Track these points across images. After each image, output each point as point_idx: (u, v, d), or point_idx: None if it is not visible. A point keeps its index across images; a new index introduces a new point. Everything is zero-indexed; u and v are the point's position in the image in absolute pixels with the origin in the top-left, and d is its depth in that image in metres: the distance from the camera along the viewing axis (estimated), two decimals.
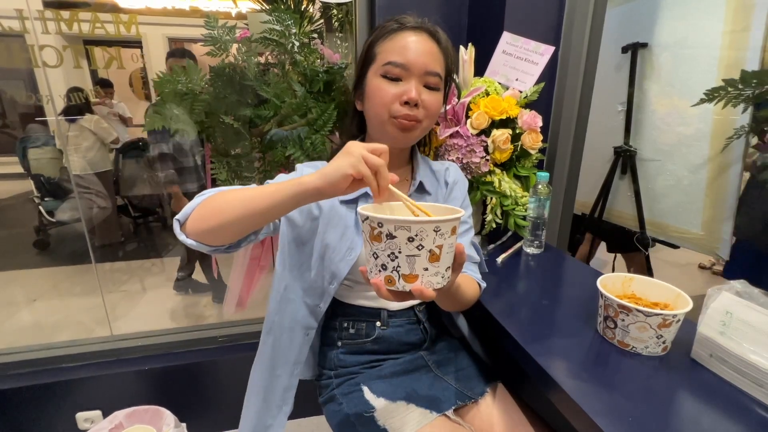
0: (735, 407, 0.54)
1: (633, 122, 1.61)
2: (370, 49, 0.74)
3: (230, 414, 1.44)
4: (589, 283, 0.84)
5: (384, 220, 0.46)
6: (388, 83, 0.71)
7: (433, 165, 0.85)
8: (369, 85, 0.73)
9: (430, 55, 0.71)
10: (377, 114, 0.73)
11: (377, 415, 0.71)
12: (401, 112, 0.71)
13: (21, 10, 1.17)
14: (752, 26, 1.22)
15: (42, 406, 1.28)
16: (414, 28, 0.72)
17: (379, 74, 0.72)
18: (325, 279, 0.74)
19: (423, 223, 0.45)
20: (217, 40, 1.15)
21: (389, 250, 0.47)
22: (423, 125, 0.74)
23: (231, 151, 1.26)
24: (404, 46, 0.70)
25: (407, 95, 0.70)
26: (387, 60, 0.70)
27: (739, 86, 1.20)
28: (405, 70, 0.70)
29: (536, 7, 1.18)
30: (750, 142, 1.28)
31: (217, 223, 0.59)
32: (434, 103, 0.73)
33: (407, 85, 0.71)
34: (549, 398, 0.60)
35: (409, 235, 0.46)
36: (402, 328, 0.81)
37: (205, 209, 0.60)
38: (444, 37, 0.75)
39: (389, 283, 0.49)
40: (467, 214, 0.82)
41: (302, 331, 0.77)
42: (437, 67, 0.72)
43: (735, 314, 0.58)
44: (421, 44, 0.71)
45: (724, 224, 1.37)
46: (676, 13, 1.46)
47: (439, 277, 0.49)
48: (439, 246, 0.47)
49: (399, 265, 0.47)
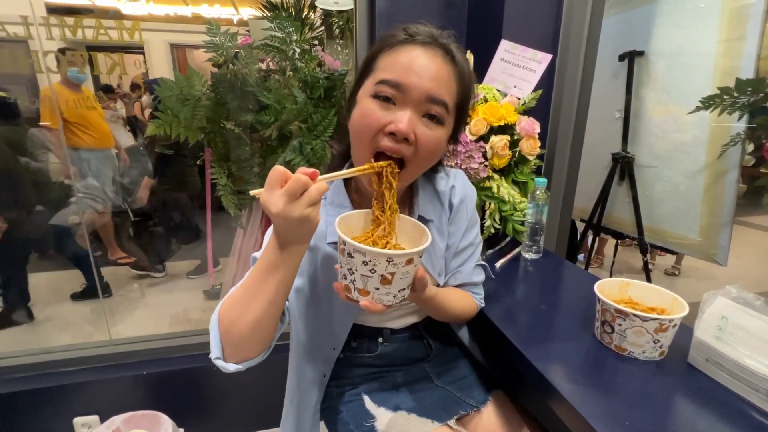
0: (731, 411, 0.54)
1: (630, 129, 1.63)
2: (372, 60, 0.61)
3: (228, 419, 1.43)
4: (586, 288, 0.84)
5: (346, 241, 0.50)
6: (377, 106, 0.56)
7: (438, 183, 0.74)
8: (358, 105, 0.60)
9: (437, 78, 0.56)
10: (359, 146, 0.60)
11: (377, 424, 0.70)
12: (383, 145, 0.56)
13: (26, 16, 1.19)
14: (747, 35, 1.24)
15: (39, 411, 1.28)
16: (424, 42, 0.58)
17: (369, 93, 0.58)
18: (336, 324, 0.72)
19: (375, 253, 0.49)
20: (219, 47, 1.16)
21: (349, 265, 0.52)
22: (409, 168, 0.59)
23: (231, 156, 1.27)
24: (407, 64, 0.56)
25: (395, 125, 0.55)
26: (381, 77, 0.56)
27: (735, 94, 1.22)
28: (400, 92, 0.55)
29: (534, 15, 1.20)
30: (746, 149, 1.30)
31: (249, 330, 0.54)
32: (432, 141, 0.58)
33: (399, 112, 0.56)
34: (547, 403, 0.61)
35: (363, 260, 0.50)
36: (404, 344, 0.80)
37: (227, 328, 0.55)
38: (461, 58, 0.60)
39: (347, 290, 0.55)
40: (472, 235, 0.77)
41: (320, 380, 0.76)
42: (444, 94, 0.57)
43: (731, 319, 0.59)
44: (429, 63, 0.56)
45: (721, 230, 1.38)
46: (672, 22, 1.48)
47: (390, 296, 0.54)
48: (391, 273, 0.51)
49: (355, 280, 0.53)
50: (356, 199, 0.71)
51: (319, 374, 0.76)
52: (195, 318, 2.28)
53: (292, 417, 0.78)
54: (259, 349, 0.57)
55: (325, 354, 0.75)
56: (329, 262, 0.68)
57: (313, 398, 0.76)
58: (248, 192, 1.28)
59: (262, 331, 0.56)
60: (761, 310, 0.57)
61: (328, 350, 0.75)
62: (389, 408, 0.72)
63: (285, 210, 0.46)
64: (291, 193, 0.46)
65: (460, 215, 0.76)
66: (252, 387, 1.42)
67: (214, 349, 0.56)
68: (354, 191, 0.71)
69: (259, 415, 1.45)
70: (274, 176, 0.47)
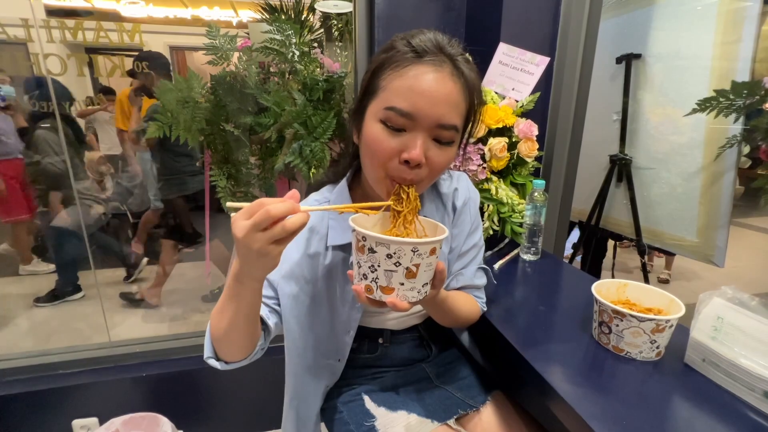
0: (727, 411, 0.54)
1: (628, 131, 1.64)
2: (375, 77, 0.59)
3: (228, 421, 1.43)
4: (584, 289, 0.85)
5: (367, 235, 0.49)
6: (387, 133, 0.56)
7: (441, 185, 0.75)
8: (366, 127, 0.59)
9: (447, 103, 0.55)
10: (373, 171, 0.60)
11: (378, 424, 0.70)
12: (398, 173, 0.57)
13: (27, 19, 1.19)
14: (742, 38, 1.26)
15: (38, 413, 1.27)
16: (432, 61, 0.55)
17: (379, 118, 0.57)
18: (339, 331, 0.72)
19: (401, 243, 0.48)
20: (219, 49, 1.17)
21: (370, 262, 0.50)
22: (422, 186, 0.62)
23: (230, 158, 1.28)
24: (415, 89, 0.54)
25: (408, 154, 0.55)
26: (390, 104, 0.55)
27: (731, 96, 1.23)
28: (410, 120, 0.55)
29: (532, 18, 1.21)
30: (742, 151, 1.31)
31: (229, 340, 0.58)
32: (443, 160, 0.59)
33: (411, 139, 0.56)
34: (546, 403, 0.61)
35: (387, 252, 0.49)
36: (405, 345, 0.80)
37: (213, 331, 0.59)
38: (468, 69, 0.58)
39: (368, 291, 0.52)
40: (476, 238, 0.78)
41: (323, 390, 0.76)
42: (455, 119, 0.57)
43: (726, 319, 0.59)
44: (439, 87, 0.55)
45: (718, 232, 1.39)
46: (668, 25, 1.49)
47: (415, 291, 0.52)
48: (416, 264, 0.50)
49: (378, 277, 0.51)
50: (361, 201, 0.71)
51: (322, 385, 0.75)
52: (195, 319, 2.28)
53: (292, 419, 0.78)
54: (241, 354, 0.61)
55: (330, 365, 0.74)
56: (330, 268, 0.68)
57: (316, 405, 0.76)
58: (247, 194, 1.29)
59: (237, 341, 0.59)
60: (756, 310, 0.58)
61: (332, 361, 0.74)
62: (389, 408, 0.72)
63: (246, 238, 0.44)
64: (255, 225, 0.43)
65: (464, 218, 0.76)
66: (251, 389, 1.42)
67: (206, 350, 0.60)
68: (360, 197, 0.71)
69: (258, 416, 1.45)
70: (251, 206, 0.45)
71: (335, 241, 0.67)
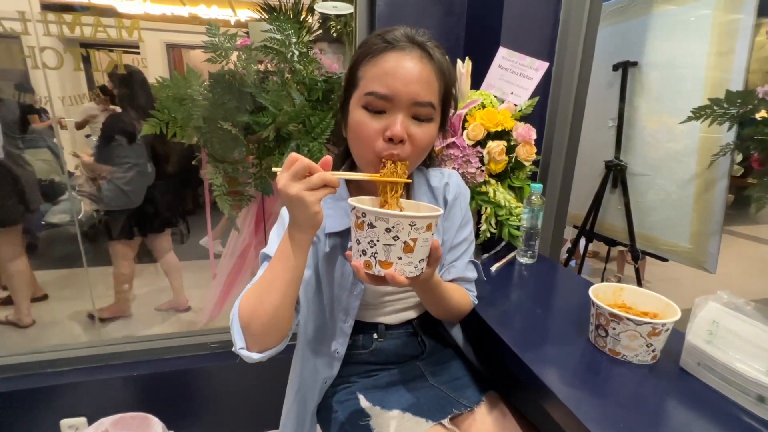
0: (722, 415, 0.55)
1: (623, 137, 1.66)
2: (353, 71, 0.65)
3: (219, 421, 1.42)
4: (581, 292, 0.85)
5: (367, 210, 0.51)
6: (370, 117, 0.62)
7: (431, 179, 0.79)
8: (351, 116, 0.65)
9: (419, 82, 0.61)
10: (361, 153, 0.65)
11: (372, 423, 0.70)
12: (385, 151, 0.62)
13: (23, 12, 1.18)
14: (736, 49, 1.28)
15: (25, 412, 1.25)
16: (402, 47, 0.62)
17: (360, 105, 0.63)
18: (339, 318, 0.74)
19: (399, 216, 0.51)
20: (218, 48, 1.16)
21: (369, 237, 0.53)
22: (412, 161, 0.66)
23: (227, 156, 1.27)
24: (389, 72, 0.60)
25: (391, 131, 0.61)
26: (369, 89, 0.61)
27: (725, 105, 1.25)
28: (389, 101, 0.61)
29: (531, 24, 1.22)
30: (735, 159, 1.33)
31: (267, 319, 0.57)
32: (425, 137, 0.64)
33: (392, 118, 0.61)
34: (542, 405, 0.61)
35: (386, 226, 0.51)
36: (399, 340, 0.81)
37: (248, 320, 0.58)
38: (438, 53, 0.64)
39: (367, 266, 0.54)
40: (466, 232, 0.80)
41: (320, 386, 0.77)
42: (429, 96, 0.62)
43: (722, 323, 0.60)
44: (411, 68, 0.61)
45: (711, 238, 1.40)
46: (664, 35, 1.51)
47: (412, 267, 0.55)
48: (413, 239, 0.52)
49: (377, 252, 0.53)
50: (355, 194, 0.73)
51: (320, 379, 0.76)
52: (187, 319, 2.26)
53: (292, 420, 0.78)
54: (278, 337, 0.61)
55: (329, 356, 0.75)
56: (329, 255, 0.71)
57: (313, 402, 0.77)
58: (244, 193, 1.28)
59: (279, 320, 0.59)
60: (751, 315, 0.59)
61: (332, 351, 0.75)
62: (384, 407, 0.72)
63: (284, 186, 0.51)
64: (293, 173, 0.51)
65: (455, 212, 0.79)
66: (243, 390, 1.41)
67: (238, 341, 0.59)
68: (354, 189, 0.74)
69: (250, 417, 1.43)
70: (289, 158, 0.52)
71: (332, 228, 0.70)
